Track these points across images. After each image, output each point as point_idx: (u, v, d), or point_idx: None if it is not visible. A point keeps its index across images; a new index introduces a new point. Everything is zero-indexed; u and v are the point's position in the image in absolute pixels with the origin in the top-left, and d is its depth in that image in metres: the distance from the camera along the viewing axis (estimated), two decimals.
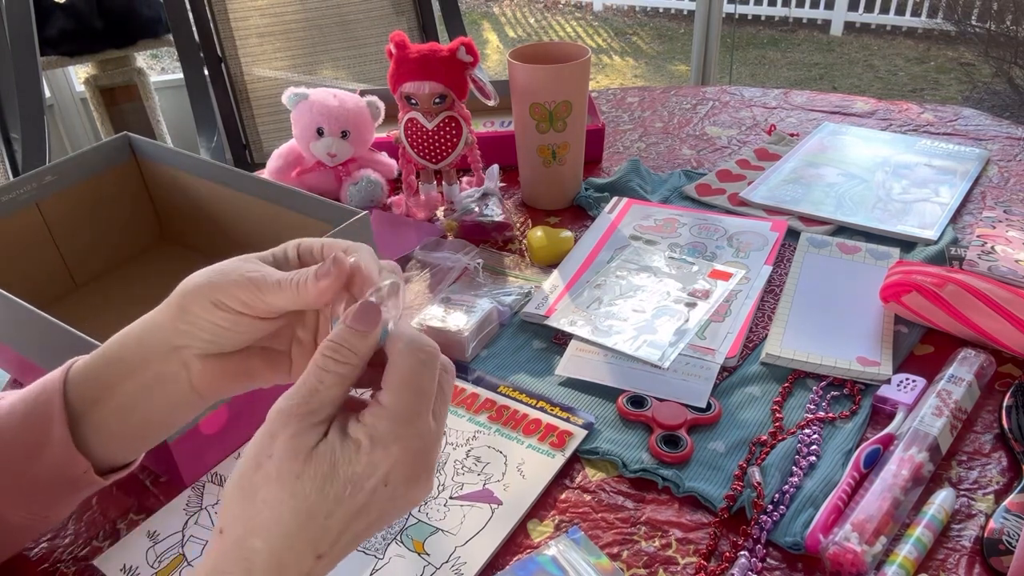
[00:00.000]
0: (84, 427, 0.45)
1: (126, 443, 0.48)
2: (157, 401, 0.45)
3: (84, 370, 0.45)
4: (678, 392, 0.67)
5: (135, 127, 2.28)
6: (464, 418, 0.66)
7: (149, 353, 0.44)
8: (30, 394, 0.46)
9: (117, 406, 0.45)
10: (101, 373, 0.45)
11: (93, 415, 0.45)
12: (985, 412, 0.65)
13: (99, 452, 0.46)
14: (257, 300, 0.42)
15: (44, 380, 0.46)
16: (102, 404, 0.45)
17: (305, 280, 0.41)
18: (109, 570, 0.55)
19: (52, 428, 0.44)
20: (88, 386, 0.45)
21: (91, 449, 0.46)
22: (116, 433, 0.46)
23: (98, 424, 0.45)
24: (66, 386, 0.45)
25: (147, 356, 0.44)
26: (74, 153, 0.81)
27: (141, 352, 0.44)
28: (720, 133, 1.15)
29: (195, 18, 1.99)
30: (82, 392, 0.45)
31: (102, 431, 0.46)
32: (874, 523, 0.53)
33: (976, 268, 0.78)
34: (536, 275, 0.85)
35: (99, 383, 0.45)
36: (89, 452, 0.46)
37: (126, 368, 0.44)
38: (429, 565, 0.54)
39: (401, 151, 0.95)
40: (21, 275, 0.78)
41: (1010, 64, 3.45)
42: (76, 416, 0.45)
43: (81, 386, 0.45)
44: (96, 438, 0.46)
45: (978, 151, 1.04)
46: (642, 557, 0.55)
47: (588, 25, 5.12)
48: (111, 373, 0.45)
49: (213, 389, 0.46)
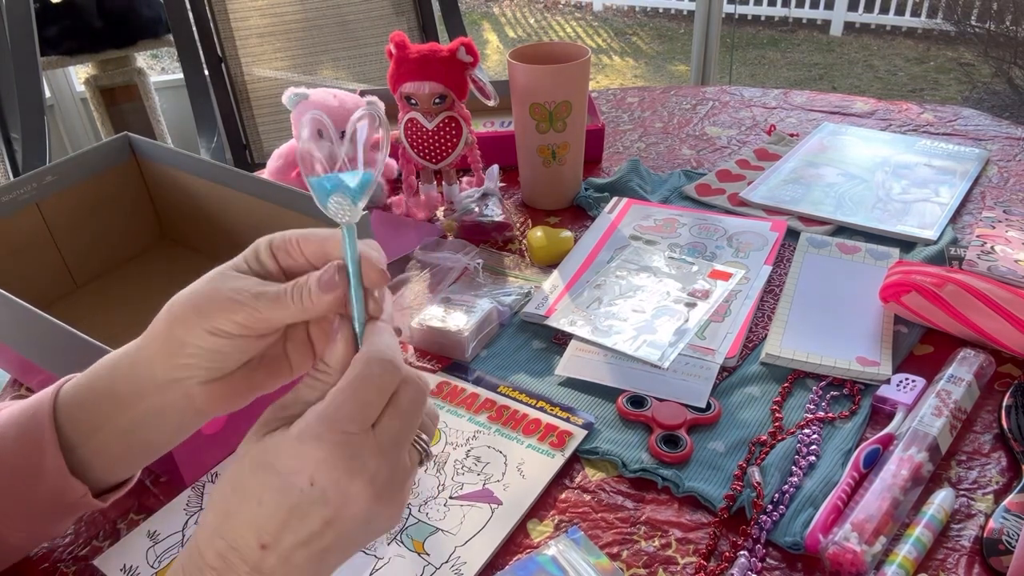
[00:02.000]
0: (81, 453, 0.45)
1: (128, 463, 0.48)
2: (158, 427, 0.44)
3: (76, 398, 0.44)
4: (678, 392, 0.67)
5: (135, 127, 2.28)
6: (464, 418, 0.66)
7: (144, 388, 0.42)
8: (22, 417, 0.45)
9: (117, 433, 0.44)
10: (95, 405, 0.44)
11: (91, 443, 0.45)
12: (985, 412, 0.65)
13: (99, 473, 0.46)
14: (257, 320, 0.40)
15: (34, 404, 0.45)
16: (101, 432, 0.44)
17: (308, 293, 0.39)
18: (109, 570, 0.55)
19: (45, 457, 0.44)
20: (82, 417, 0.44)
21: (91, 471, 0.45)
22: (117, 455, 0.46)
23: (97, 450, 0.45)
24: (56, 413, 0.44)
25: (142, 391, 0.43)
26: (74, 153, 0.81)
27: (135, 387, 0.43)
28: (720, 133, 1.15)
29: (195, 18, 1.99)
30: (77, 423, 0.44)
31: (102, 455, 0.45)
32: (874, 523, 0.53)
33: (976, 268, 0.78)
34: (536, 275, 0.85)
35: (94, 414, 0.44)
36: (88, 475, 0.45)
37: (121, 402, 0.43)
38: (429, 565, 0.54)
39: (401, 151, 0.95)
40: (21, 275, 0.78)
41: (1010, 64, 3.45)
42: (71, 445, 0.44)
43: (75, 416, 0.44)
44: (97, 461, 0.45)
45: (978, 151, 1.04)
46: (642, 557, 0.55)
47: (588, 25, 5.12)
48: (105, 405, 0.44)
49: (218, 408, 0.44)
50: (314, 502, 0.36)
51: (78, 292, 0.84)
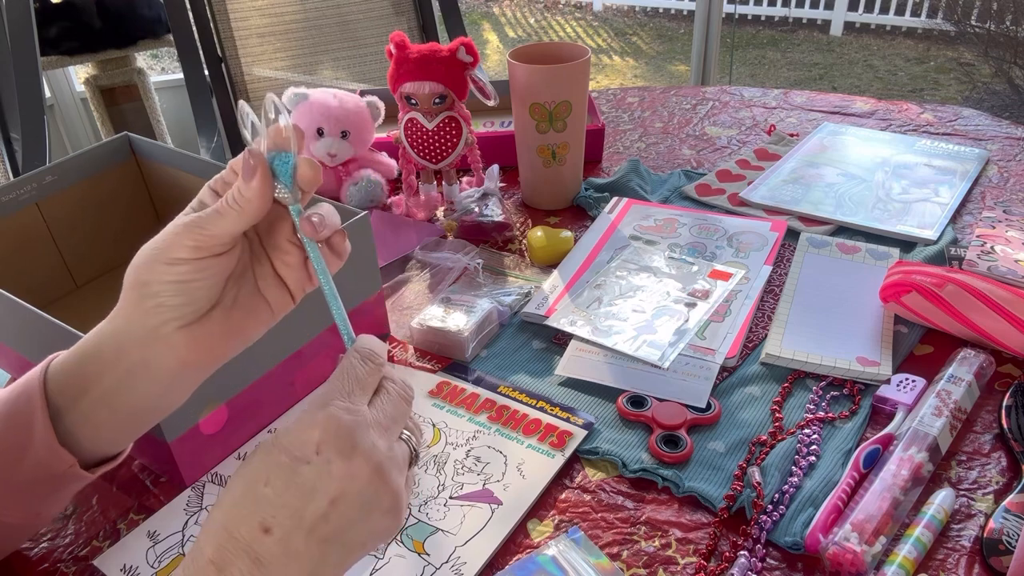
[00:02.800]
0: (69, 421, 0.45)
1: (115, 432, 0.47)
2: (144, 386, 0.44)
3: (63, 366, 0.45)
4: (678, 392, 0.67)
5: (135, 127, 2.29)
6: (464, 418, 0.66)
7: (126, 342, 0.43)
8: (11, 395, 0.45)
9: (102, 396, 0.44)
10: (81, 368, 0.44)
11: (78, 407, 0.45)
12: (985, 412, 0.65)
13: (87, 444, 0.46)
14: (205, 237, 0.41)
15: (24, 380, 0.45)
16: (86, 396, 0.44)
17: (239, 192, 0.41)
18: (109, 570, 0.55)
19: (34, 427, 0.44)
20: (69, 382, 0.45)
21: (79, 442, 0.45)
22: (104, 422, 0.46)
23: (84, 416, 0.45)
24: (46, 383, 0.45)
25: (125, 345, 0.43)
26: (74, 153, 0.81)
27: (117, 343, 0.43)
28: (720, 133, 1.15)
29: (195, 18, 1.99)
30: (63, 388, 0.45)
31: (89, 422, 0.45)
32: (874, 523, 0.53)
33: (976, 268, 0.78)
34: (536, 275, 0.85)
35: (80, 377, 0.44)
36: (76, 445, 0.45)
37: (106, 360, 0.44)
38: (429, 565, 0.54)
39: (401, 151, 0.95)
40: (21, 275, 0.78)
41: (1010, 64, 3.45)
42: (59, 411, 0.45)
43: (62, 382, 0.45)
44: (83, 431, 0.45)
45: (978, 151, 1.04)
46: (642, 557, 0.55)
47: (588, 25, 5.12)
48: (91, 367, 0.44)
49: (204, 358, 0.44)
50: (320, 475, 0.37)
51: (78, 292, 0.84)
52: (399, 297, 0.82)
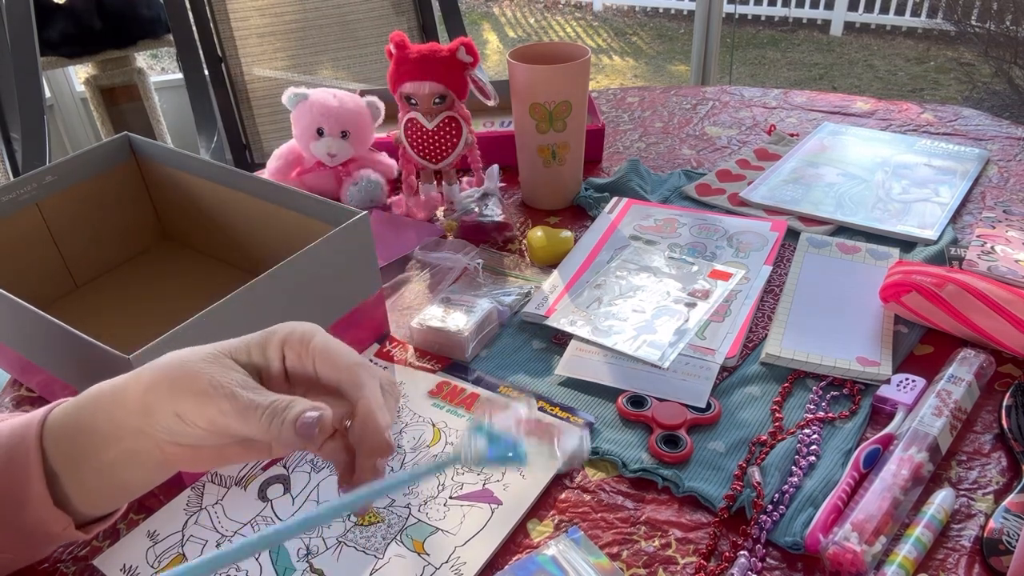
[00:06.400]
0: (64, 484, 0.44)
1: (107, 499, 0.47)
2: (134, 470, 0.44)
3: (62, 428, 0.44)
4: (678, 392, 0.67)
5: (135, 127, 2.29)
6: (464, 418, 0.66)
7: (121, 431, 0.42)
8: (10, 440, 0.44)
9: (95, 469, 0.44)
10: (76, 440, 0.44)
11: (73, 475, 0.44)
12: (985, 412, 0.65)
13: (80, 507, 0.46)
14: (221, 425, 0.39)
15: (21, 429, 0.44)
16: (80, 467, 0.44)
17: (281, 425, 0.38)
18: (109, 570, 0.55)
19: (31, 484, 0.43)
20: (65, 449, 0.44)
21: (73, 503, 0.45)
22: (96, 491, 0.45)
23: (80, 483, 0.45)
24: (43, 439, 0.44)
25: (119, 433, 0.43)
26: (74, 153, 0.81)
27: (113, 428, 0.43)
28: (720, 133, 1.15)
29: (195, 18, 1.99)
30: (60, 452, 0.44)
31: (83, 489, 0.45)
32: (874, 523, 0.53)
33: (976, 268, 0.78)
34: (536, 275, 0.85)
35: (75, 447, 0.44)
36: (70, 506, 0.45)
37: (99, 441, 0.43)
38: (429, 565, 0.54)
39: (401, 151, 0.95)
40: (21, 275, 0.78)
41: (1010, 64, 3.45)
42: (55, 473, 0.44)
43: (59, 446, 0.44)
44: (78, 495, 0.45)
45: (978, 151, 1.04)
46: (642, 557, 0.55)
47: (588, 25, 5.12)
48: (85, 442, 0.44)
49: (188, 468, 0.45)
50: None
51: (78, 292, 0.84)
52: (399, 297, 0.82)
